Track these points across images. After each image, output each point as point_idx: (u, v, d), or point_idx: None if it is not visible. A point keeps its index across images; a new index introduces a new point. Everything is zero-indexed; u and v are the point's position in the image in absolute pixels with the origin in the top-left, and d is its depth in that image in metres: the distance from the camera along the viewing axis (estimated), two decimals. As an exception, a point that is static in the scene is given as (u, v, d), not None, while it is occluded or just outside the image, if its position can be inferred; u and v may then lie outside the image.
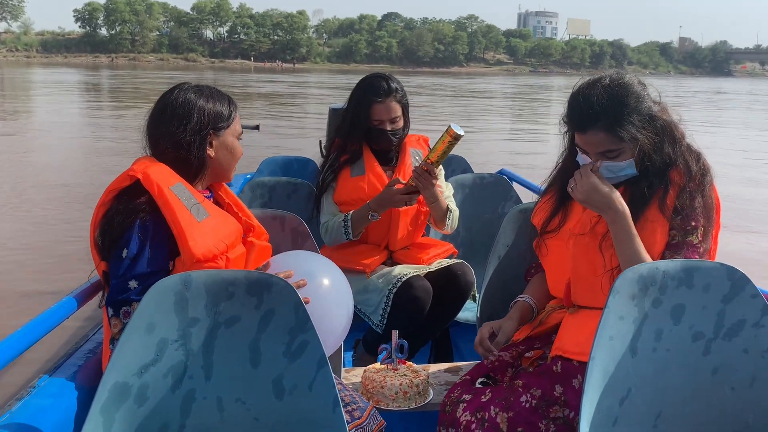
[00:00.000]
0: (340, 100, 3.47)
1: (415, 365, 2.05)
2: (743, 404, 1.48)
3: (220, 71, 65.80)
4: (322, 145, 2.98)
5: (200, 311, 1.42)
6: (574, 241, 1.77)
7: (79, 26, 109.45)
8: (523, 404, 1.61)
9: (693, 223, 1.67)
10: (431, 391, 1.99)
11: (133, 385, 1.37)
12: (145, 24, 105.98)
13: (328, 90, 34.63)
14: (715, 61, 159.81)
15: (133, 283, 1.55)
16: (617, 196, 1.65)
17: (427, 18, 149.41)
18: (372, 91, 2.54)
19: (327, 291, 1.80)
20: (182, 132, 1.69)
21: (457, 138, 2.33)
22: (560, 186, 1.87)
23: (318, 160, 2.87)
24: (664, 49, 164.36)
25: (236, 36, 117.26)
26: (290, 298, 1.43)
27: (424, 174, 2.39)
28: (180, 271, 1.58)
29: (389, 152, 2.66)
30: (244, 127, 1.91)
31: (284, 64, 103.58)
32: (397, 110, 2.56)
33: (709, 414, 1.48)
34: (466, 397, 1.69)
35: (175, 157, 1.70)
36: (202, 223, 1.62)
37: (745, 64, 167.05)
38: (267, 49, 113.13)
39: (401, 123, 2.60)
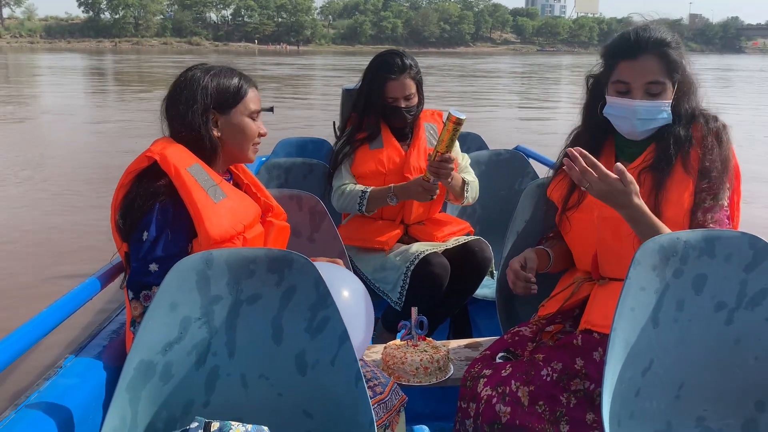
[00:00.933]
0: (348, 82, 3.44)
1: (435, 341, 2.06)
2: (767, 373, 1.47)
3: (224, 54, 65.36)
4: (336, 126, 2.97)
5: (222, 289, 1.43)
6: (599, 212, 1.76)
7: (83, 11, 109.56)
8: (544, 378, 1.62)
9: (727, 184, 1.67)
10: (452, 366, 2.00)
11: (158, 363, 1.38)
12: (148, 8, 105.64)
13: (334, 72, 34.46)
14: (725, 38, 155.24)
15: (153, 267, 1.56)
16: (634, 193, 1.56)
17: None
18: (386, 68, 2.52)
19: (346, 304, 1.77)
20: (189, 113, 1.69)
21: (459, 123, 2.29)
22: None
23: (333, 140, 2.86)
24: (673, 26, 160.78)
25: (240, 19, 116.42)
26: (311, 275, 1.44)
27: (441, 165, 2.37)
28: (197, 252, 1.59)
29: (404, 128, 2.65)
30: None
31: (289, 47, 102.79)
32: (411, 87, 2.55)
33: (733, 384, 1.47)
34: (487, 372, 1.70)
35: (189, 138, 1.70)
36: (219, 204, 1.62)
37: (756, 41, 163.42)
38: (271, 31, 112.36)
39: (415, 100, 2.58)
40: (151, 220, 1.57)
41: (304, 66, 41.64)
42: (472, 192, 2.66)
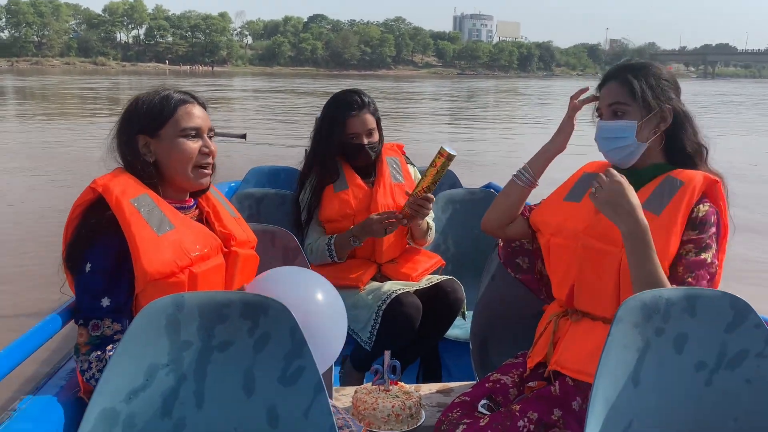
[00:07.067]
0: (267, 104, 3.36)
1: (406, 386, 2.01)
2: (746, 436, 1.46)
3: (132, 75, 62.63)
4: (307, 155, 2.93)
5: (192, 334, 1.37)
6: (583, 241, 1.74)
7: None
8: (520, 429, 1.60)
9: (708, 242, 1.63)
10: (423, 413, 1.95)
11: (121, 412, 1.31)
12: (51, 26, 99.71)
13: (252, 93, 34.21)
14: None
15: (105, 301, 1.49)
16: (640, 209, 1.57)
17: (354, 20, 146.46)
18: (345, 106, 2.52)
19: (322, 308, 1.74)
20: (121, 141, 1.67)
21: (450, 158, 2.29)
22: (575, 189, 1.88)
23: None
24: (592, 51, 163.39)
25: (152, 39, 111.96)
26: (286, 322, 1.39)
27: (424, 204, 2.38)
28: (139, 290, 1.51)
29: (366, 165, 2.63)
30: (227, 135, 1.83)
31: (201, 67, 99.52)
32: (372, 122, 2.55)
33: (712, 446, 1.45)
34: (467, 420, 1.68)
35: (131, 168, 1.64)
36: (162, 236, 1.53)
37: (671, 66, 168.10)
38: (184, 51, 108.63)
39: (377, 136, 2.58)
40: (94, 253, 1.51)
41: (225, 87, 40.59)
42: (431, 237, 2.70)
